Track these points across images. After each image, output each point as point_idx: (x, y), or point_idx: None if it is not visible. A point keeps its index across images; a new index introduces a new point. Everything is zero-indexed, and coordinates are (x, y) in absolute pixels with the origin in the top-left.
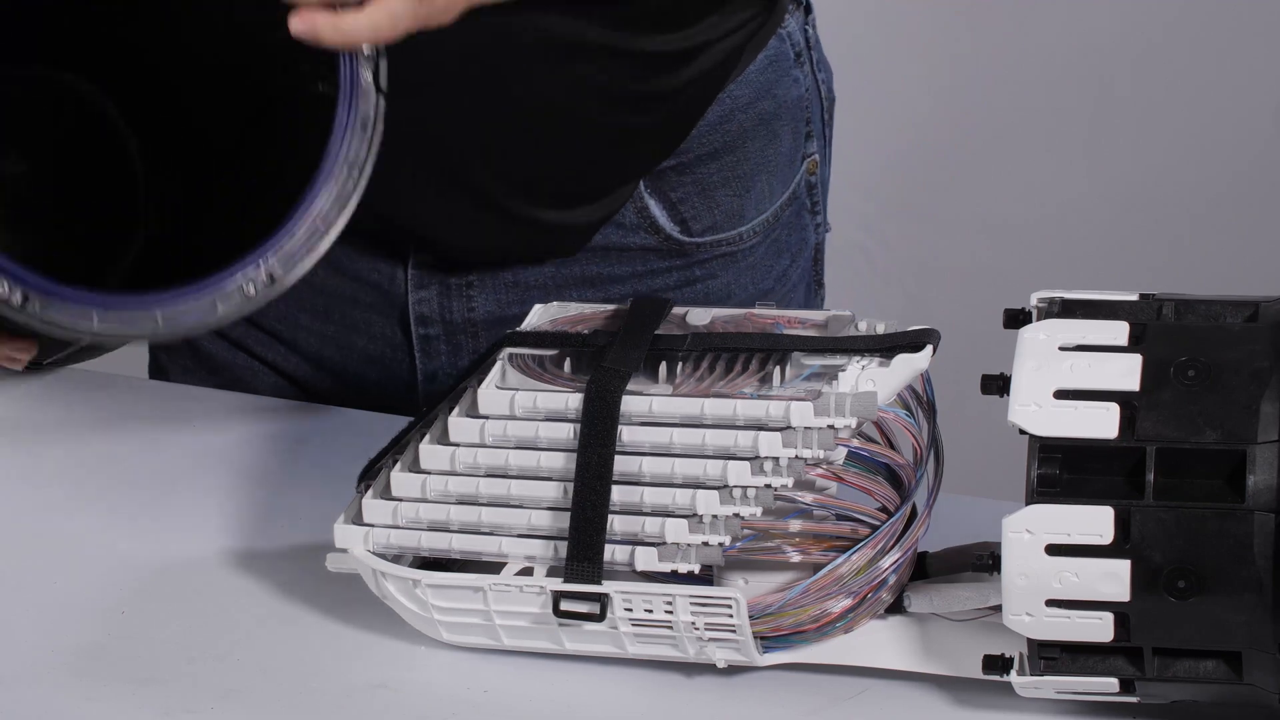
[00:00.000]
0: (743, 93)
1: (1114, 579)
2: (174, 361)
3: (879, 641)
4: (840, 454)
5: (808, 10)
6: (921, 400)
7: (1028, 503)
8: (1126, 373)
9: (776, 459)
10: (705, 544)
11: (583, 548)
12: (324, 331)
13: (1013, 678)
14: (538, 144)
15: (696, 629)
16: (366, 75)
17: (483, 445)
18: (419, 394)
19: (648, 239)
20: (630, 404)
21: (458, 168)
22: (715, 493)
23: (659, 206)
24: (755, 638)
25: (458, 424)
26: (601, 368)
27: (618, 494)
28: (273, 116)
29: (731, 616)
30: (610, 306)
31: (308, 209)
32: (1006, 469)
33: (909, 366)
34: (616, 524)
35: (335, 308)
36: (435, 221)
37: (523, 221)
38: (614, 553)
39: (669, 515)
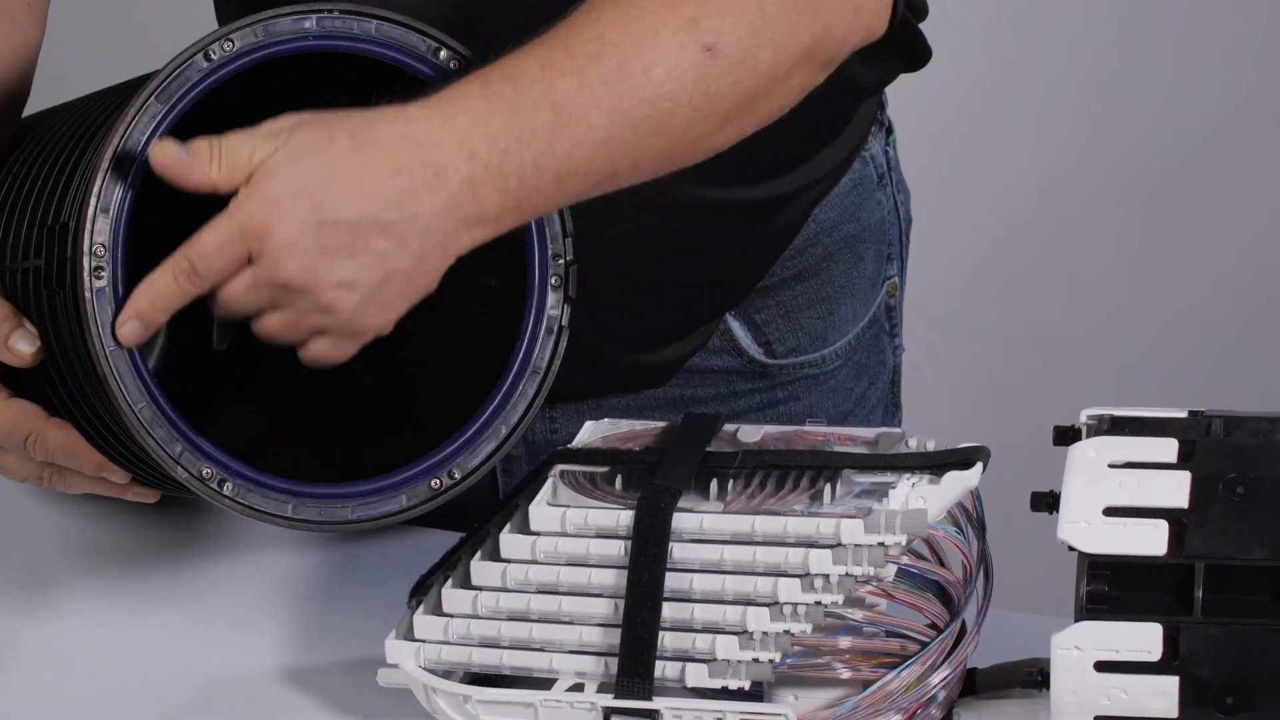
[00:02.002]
0: (828, 216)
1: (1162, 695)
2: None
3: None
4: (890, 571)
5: (889, 131)
6: (971, 517)
7: (1076, 619)
8: (1175, 490)
9: (827, 576)
10: (755, 660)
11: (634, 664)
12: None
13: None
14: (637, 295)
15: None
16: (554, 282)
17: (534, 562)
18: None
19: (731, 361)
20: (681, 521)
21: None
22: (766, 609)
23: (743, 329)
24: None
25: (509, 540)
26: (652, 485)
27: (668, 610)
28: (439, 306)
29: None
30: (661, 424)
31: (496, 414)
32: (1055, 585)
33: (959, 484)
34: (667, 640)
35: None
36: None
37: (617, 364)
38: (665, 669)
39: (719, 632)
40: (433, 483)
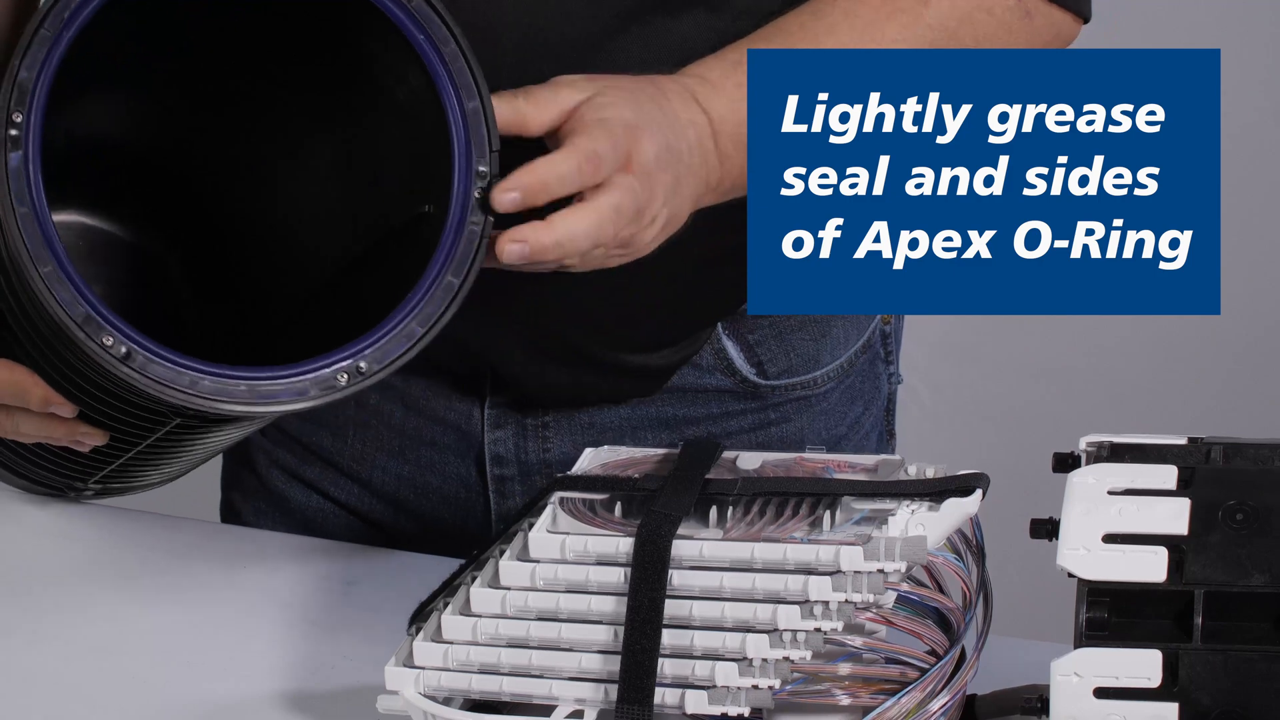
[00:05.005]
0: None
1: None
2: (247, 503)
3: None
4: (890, 598)
5: None
6: (971, 544)
7: (1076, 646)
8: (1175, 517)
9: (826, 603)
10: (755, 687)
11: (633, 691)
12: (400, 472)
13: None
14: (627, 295)
15: None
16: (475, 196)
17: (534, 589)
18: (492, 535)
19: (723, 381)
20: (681, 548)
21: (546, 318)
22: (765, 636)
23: (736, 349)
24: None
25: (509, 567)
26: (652, 512)
27: (668, 637)
28: (375, 227)
29: None
30: (661, 451)
31: (407, 317)
32: (1055, 612)
33: (958, 511)
34: (667, 667)
35: (411, 448)
36: (519, 366)
37: (604, 365)
38: (664, 695)
39: (719, 658)
40: (339, 377)
